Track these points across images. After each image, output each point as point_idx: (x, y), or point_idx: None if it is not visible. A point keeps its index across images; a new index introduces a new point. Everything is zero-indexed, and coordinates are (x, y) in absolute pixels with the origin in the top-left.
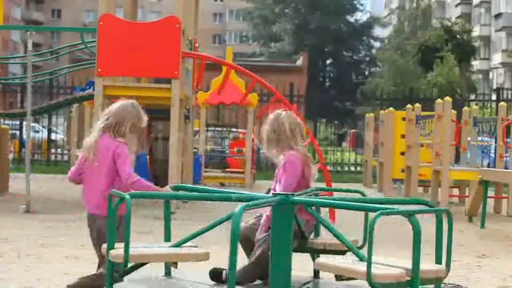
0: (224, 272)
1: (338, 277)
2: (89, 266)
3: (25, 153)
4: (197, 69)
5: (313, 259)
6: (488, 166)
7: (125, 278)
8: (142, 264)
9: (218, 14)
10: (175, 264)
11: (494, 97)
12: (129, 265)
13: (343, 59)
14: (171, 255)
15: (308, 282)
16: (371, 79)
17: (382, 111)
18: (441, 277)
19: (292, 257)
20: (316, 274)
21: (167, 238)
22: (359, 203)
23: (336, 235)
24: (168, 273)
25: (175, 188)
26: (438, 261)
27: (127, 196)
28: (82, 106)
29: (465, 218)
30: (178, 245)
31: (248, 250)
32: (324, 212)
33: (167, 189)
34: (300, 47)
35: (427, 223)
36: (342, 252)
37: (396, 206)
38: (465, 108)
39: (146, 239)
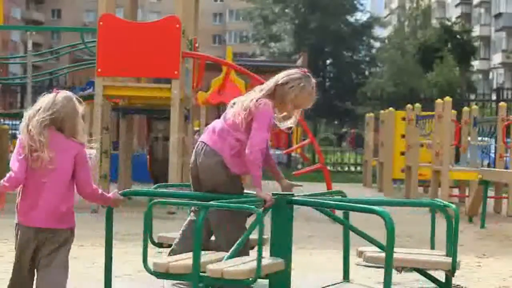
0: None
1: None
2: (89, 266)
3: None
4: (197, 69)
5: None
6: (488, 166)
7: None
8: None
9: (218, 14)
10: None
11: (494, 97)
12: None
13: (343, 59)
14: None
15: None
16: (371, 79)
17: (382, 111)
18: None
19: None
20: None
21: None
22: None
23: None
24: None
25: (124, 195)
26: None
27: (261, 212)
28: None
29: (465, 218)
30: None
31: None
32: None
33: (114, 196)
34: (300, 47)
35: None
36: None
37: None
38: (465, 108)
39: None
